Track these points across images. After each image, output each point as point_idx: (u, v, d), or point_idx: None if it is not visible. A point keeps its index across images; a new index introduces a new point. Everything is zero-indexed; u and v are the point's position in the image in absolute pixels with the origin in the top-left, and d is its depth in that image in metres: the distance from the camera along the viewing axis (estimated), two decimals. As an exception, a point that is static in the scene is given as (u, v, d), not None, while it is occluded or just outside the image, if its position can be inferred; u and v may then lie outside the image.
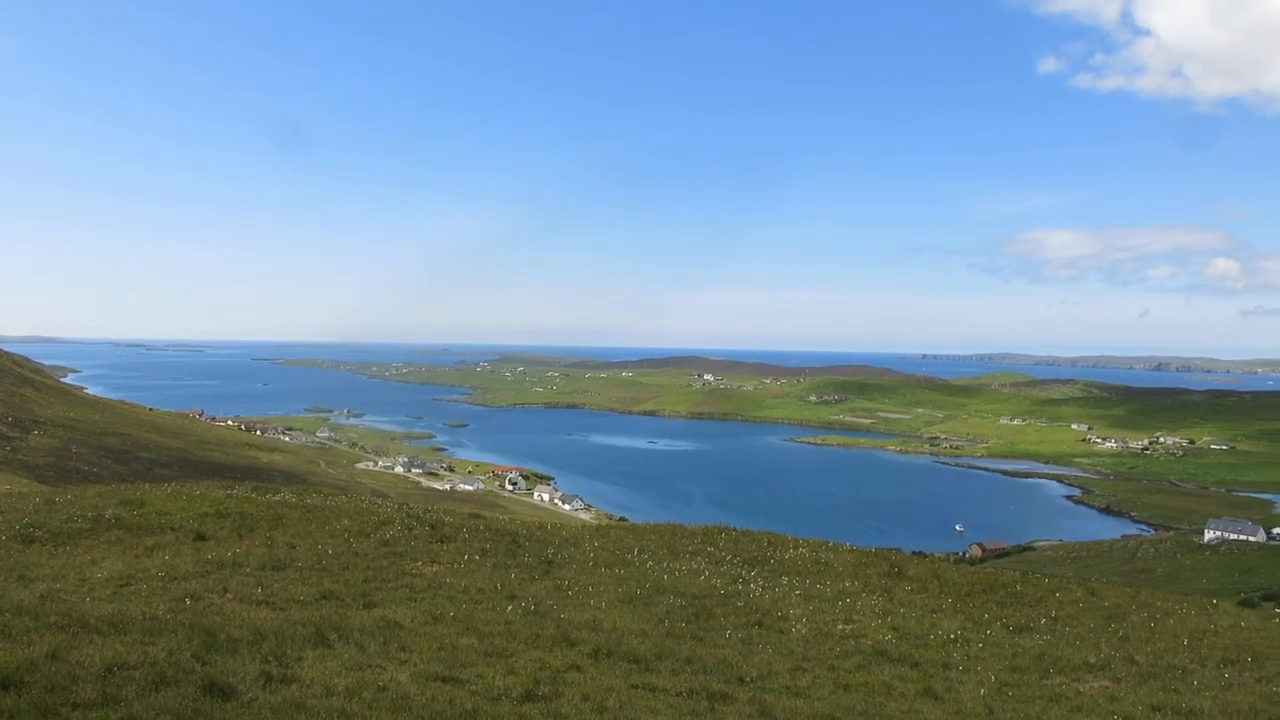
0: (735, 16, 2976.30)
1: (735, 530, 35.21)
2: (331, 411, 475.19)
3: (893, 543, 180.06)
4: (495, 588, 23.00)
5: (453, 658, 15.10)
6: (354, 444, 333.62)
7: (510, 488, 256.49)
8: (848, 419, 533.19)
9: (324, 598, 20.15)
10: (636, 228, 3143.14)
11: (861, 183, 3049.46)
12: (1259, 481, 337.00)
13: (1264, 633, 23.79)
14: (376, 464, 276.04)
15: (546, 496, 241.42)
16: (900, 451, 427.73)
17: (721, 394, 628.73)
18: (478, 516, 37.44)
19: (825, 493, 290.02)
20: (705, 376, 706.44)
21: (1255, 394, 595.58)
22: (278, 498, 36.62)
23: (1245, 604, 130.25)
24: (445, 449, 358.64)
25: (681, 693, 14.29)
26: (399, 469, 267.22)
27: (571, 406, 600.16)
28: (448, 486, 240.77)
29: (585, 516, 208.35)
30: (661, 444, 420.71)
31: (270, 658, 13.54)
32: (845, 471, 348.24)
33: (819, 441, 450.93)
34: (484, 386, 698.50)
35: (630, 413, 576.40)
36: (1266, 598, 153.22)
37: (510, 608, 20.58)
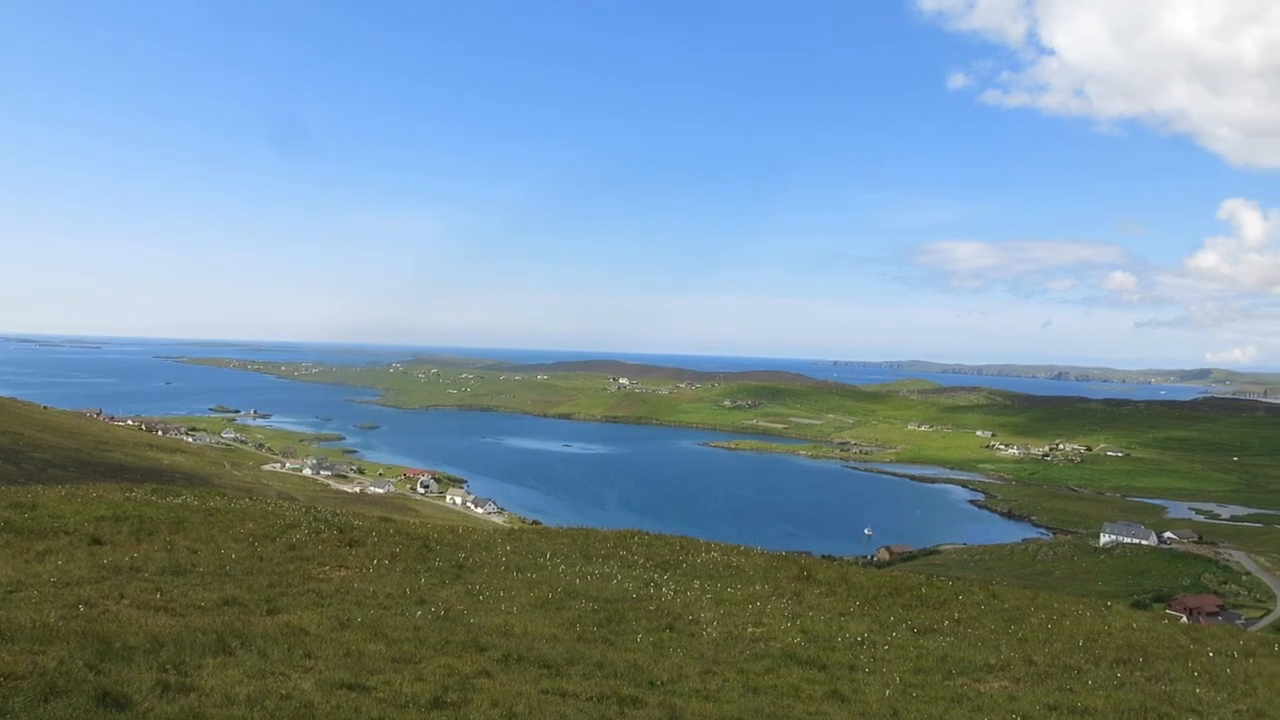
0: (643, 24, 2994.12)
1: (648, 534, 35.27)
2: (238, 412, 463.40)
3: (804, 546, 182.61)
4: (405, 592, 22.67)
5: (359, 664, 14.83)
6: (260, 445, 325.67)
7: (422, 491, 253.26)
8: (761, 424, 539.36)
9: (226, 604, 19.60)
10: (556, 234, 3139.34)
11: (775, 191, 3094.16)
12: (1152, 487, 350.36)
13: (1154, 633, 24.69)
14: (284, 466, 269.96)
15: (459, 500, 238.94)
16: (811, 456, 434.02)
17: (637, 398, 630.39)
18: (388, 520, 36.90)
19: (738, 496, 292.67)
20: (621, 380, 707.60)
21: (1149, 403, 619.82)
22: (179, 500, 35.54)
23: (1138, 605, 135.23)
24: (356, 451, 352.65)
25: (592, 697, 14.25)
26: (308, 471, 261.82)
27: (485, 409, 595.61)
28: (358, 489, 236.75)
29: (498, 520, 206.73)
30: (576, 447, 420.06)
31: (168, 666, 13.12)
32: (758, 475, 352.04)
33: (732, 446, 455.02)
34: (396, 388, 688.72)
35: (545, 415, 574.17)
36: (1158, 599, 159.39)
37: (420, 613, 20.31)
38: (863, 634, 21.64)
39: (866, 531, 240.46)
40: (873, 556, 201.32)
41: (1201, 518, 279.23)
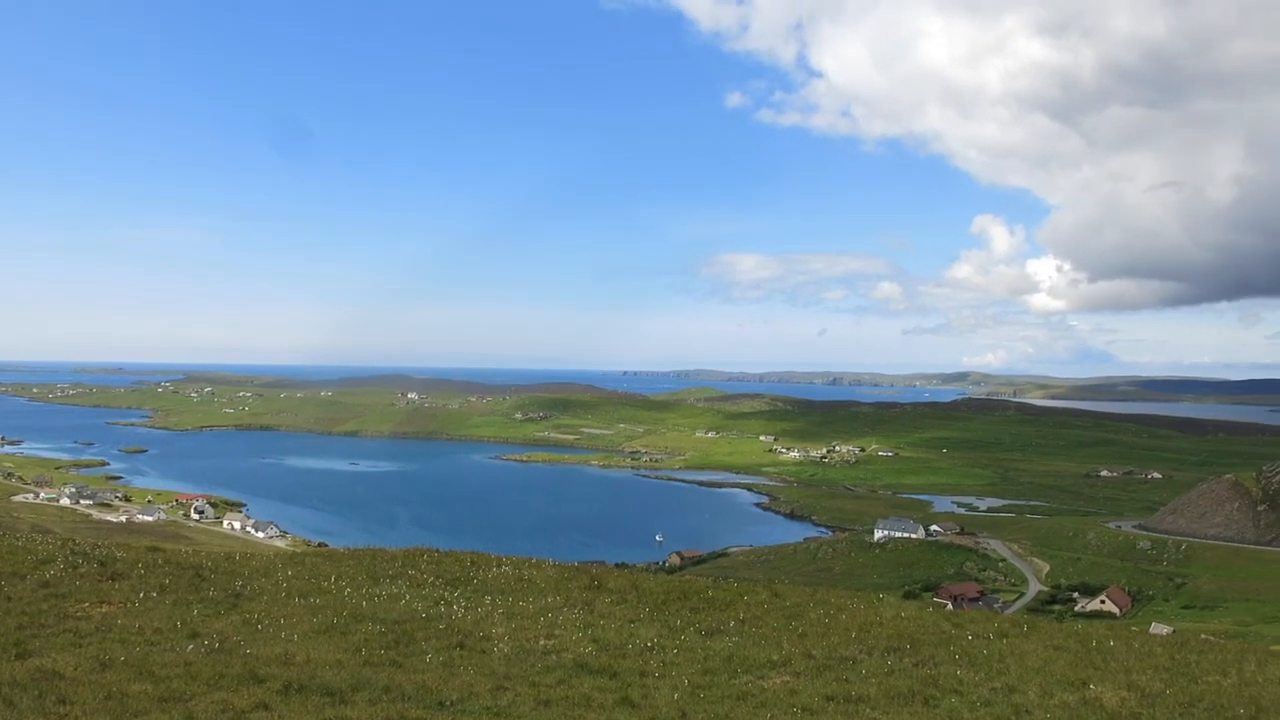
0: (424, 34, 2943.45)
1: (438, 551, 34.62)
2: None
3: (597, 555, 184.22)
4: (175, 626, 21.31)
5: (122, 707, 13.84)
6: (10, 474, 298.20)
7: (197, 517, 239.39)
8: (553, 435, 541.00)
9: (-34, 651, 17.81)
10: (336, 243, 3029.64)
11: (563, 204, 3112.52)
12: (919, 484, 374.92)
13: (920, 621, 26.34)
14: (38, 496, 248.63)
15: (238, 525, 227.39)
16: (603, 466, 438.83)
17: (426, 413, 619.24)
18: (156, 550, 34.57)
19: (531, 509, 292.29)
20: (410, 395, 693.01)
21: (915, 405, 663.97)
22: (-91, 540, 32.06)
23: (908, 595, 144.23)
24: (121, 477, 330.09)
25: (378, 722, 13.87)
26: (65, 500, 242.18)
27: (266, 428, 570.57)
28: (124, 518, 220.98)
29: (281, 544, 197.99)
30: (364, 465, 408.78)
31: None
32: (550, 487, 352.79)
33: (525, 458, 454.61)
34: (166, 409, 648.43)
35: (330, 434, 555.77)
36: (926, 588, 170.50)
37: (192, 647, 19.12)
38: (653, 639, 22.02)
39: (658, 538, 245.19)
40: (664, 562, 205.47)
41: (963, 510, 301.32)
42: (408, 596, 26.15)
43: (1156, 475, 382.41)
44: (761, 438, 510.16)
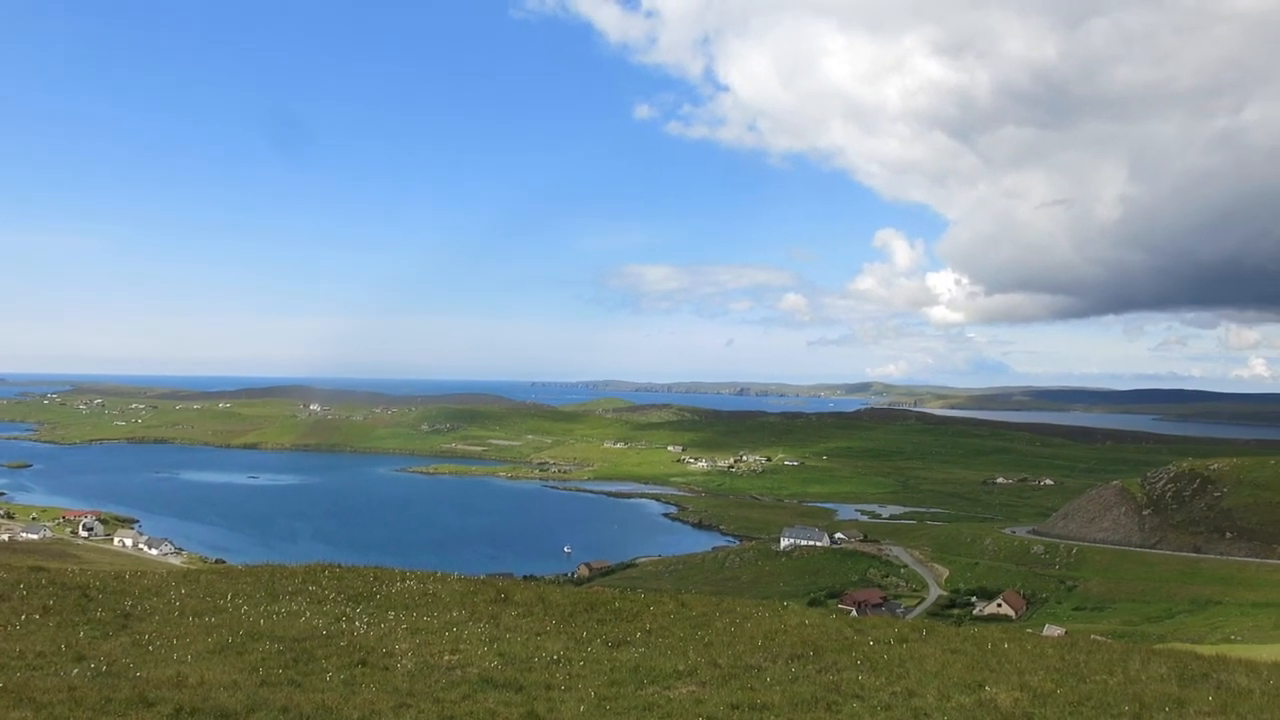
0: (323, 40, 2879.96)
1: (340, 566, 33.88)
2: None
3: (505, 568, 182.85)
4: (59, 649, 20.43)
5: (-1, 736, 13.19)
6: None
7: (85, 534, 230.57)
8: (460, 447, 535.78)
9: None
10: (229, 246, 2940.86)
11: (475, 213, 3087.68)
12: (824, 493, 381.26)
13: (824, 628, 26.73)
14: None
15: (129, 542, 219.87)
16: (511, 478, 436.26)
17: (329, 425, 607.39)
18: (40, 569, 33.13)
19: (438, 522, 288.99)
20: (312, 406, 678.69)
21: (819, 415, 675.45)
22: None
23: (814, 603, 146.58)
24: (4, 494, 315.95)
25: (275, 744, 13.49)
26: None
27: (160, 441, 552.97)
28: (5, 537, 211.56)
29: (176, 561, 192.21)
30: (264, 479, 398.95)
31: None
32: (458, 500, 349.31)
33: (431, 471, 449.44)
34: (53, 421, 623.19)
35: (229, 447, 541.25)
36: (831, 595, 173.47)
37: (77, 670, 18.35)
38: (559, 652, 21.90)
39: (566, 549, 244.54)
40: (573, 574, 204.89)
41: (866, 518, 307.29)
42: (308, 613, 25.54)
43: (1049, 482, 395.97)
44: (669, 448, 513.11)
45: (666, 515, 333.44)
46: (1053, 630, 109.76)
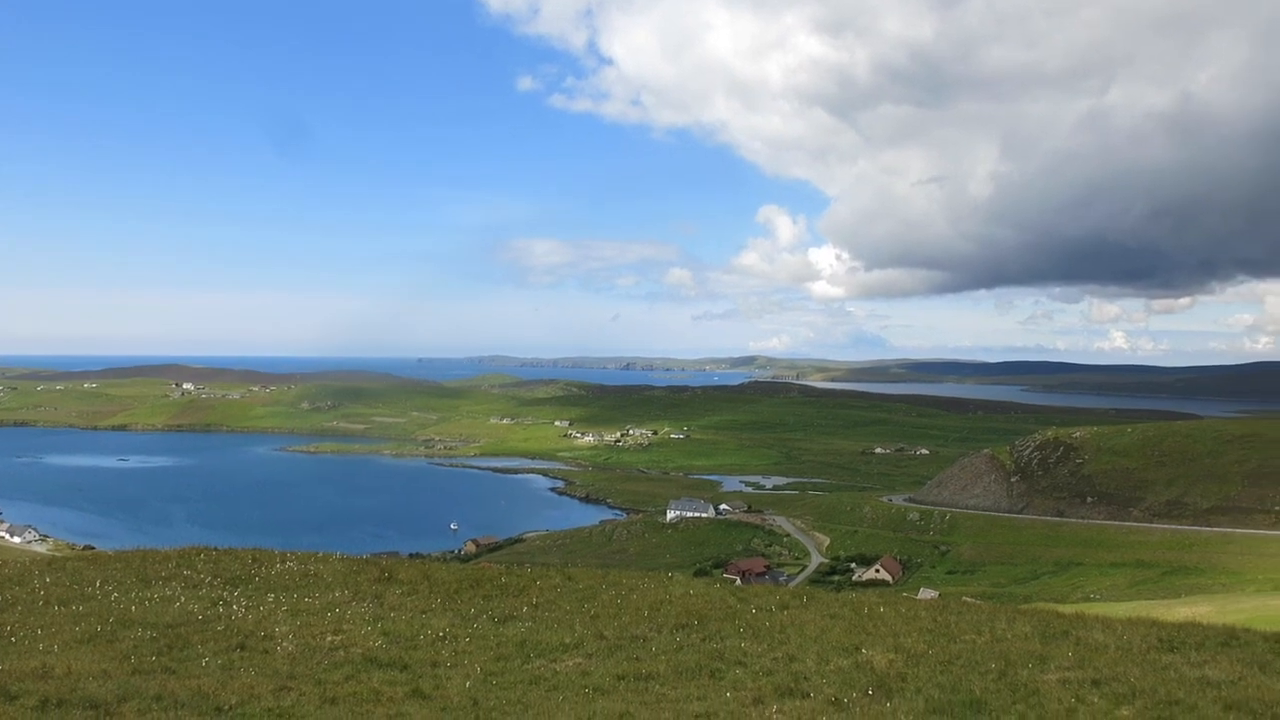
0: (195, 14, 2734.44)
1: (216, 549, 32.89)
2: None
3: (390, 547, 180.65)
4: (-89, 644, 19.39)
5: None
6: None
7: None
8: (342, 425, 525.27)
9: None
10: (98, 217, 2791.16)
11: (359, 187, 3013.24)
12: (709, 465, 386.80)
13: (708, 598, 27.21)
14: None
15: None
16: (395, 455, 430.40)
17: (203, 404, 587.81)
18: (-112, 561, 31.32)
19: (320, 502, 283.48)
20: (185, 386, 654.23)
21: (705, 389, 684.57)
22: None
23: (699, 573, 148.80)
24: None
25: (149, 733, 13.11)
26: None
27: (20, 424, 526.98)
28: None
29: (40, 549, 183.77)
30: (134, 461, 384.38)
31: None
32: (340, 479, 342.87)
33: (312, 449, 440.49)
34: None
35: (96, 429, 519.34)
36: (716, 565, 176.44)
37: (-68, 666, 17.44)
38: (445, 629, 21.80)
39: (452, 526, 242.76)
40: (459, 551, 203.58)
41: (750, 489, 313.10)
42: (183, 599, 24.77)
43: (924, 451, 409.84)
44: (556, 423, 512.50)
45: (554, 490, 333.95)
46: (927, 594, 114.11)
